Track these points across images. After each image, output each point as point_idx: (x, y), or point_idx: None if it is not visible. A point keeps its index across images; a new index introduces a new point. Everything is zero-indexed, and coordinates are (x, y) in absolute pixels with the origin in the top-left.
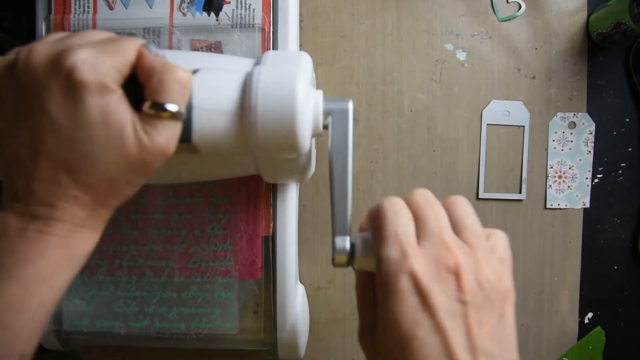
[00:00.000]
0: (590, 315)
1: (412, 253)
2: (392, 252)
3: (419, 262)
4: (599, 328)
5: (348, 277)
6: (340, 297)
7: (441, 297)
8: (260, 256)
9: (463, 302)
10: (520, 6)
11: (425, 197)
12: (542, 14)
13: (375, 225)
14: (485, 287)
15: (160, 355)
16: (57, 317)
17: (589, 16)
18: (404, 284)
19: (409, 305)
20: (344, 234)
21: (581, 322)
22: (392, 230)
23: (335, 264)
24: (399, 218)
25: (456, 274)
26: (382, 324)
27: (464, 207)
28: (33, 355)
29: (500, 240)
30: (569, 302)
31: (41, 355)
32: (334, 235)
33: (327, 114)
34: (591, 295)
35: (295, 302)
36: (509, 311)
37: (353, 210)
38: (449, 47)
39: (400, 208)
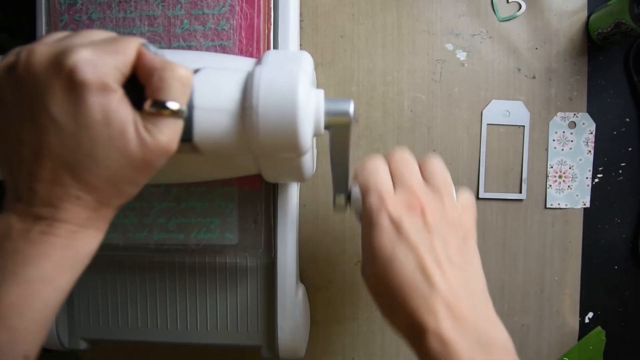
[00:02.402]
0: (590, 315)
1: (388, 198)
2: (373, 199)
3: (393, 204)
4: (599, 328)
5: (348, 278)
6: (340, 298)
7: (411, 226)
8: None
9: (429, 231)
10: (520, 6)
11: (402, 156)
12: (542, 13)
13: (361, 180)
14: (447, 222)
15: (162, 352)
16: None
17: (589, 16)
18: (383, 219)
19: (387, 233)
20: (343, 192)
21: (581, 322)
22: (372, 183)
23: (335, 208)
24: (378, 174)
25: (422, 213)
26: (370, 252)
27: (435, 162)
28: (37, 356)
29: (465, 194)
30: (569, 301)
31: (41, 355)
32: (335, 192)
33: (328, 115)
34: (591, 295)
35: (296, 302)
36: (471, 241)
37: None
38: (449, 47)
39: (380, 166)
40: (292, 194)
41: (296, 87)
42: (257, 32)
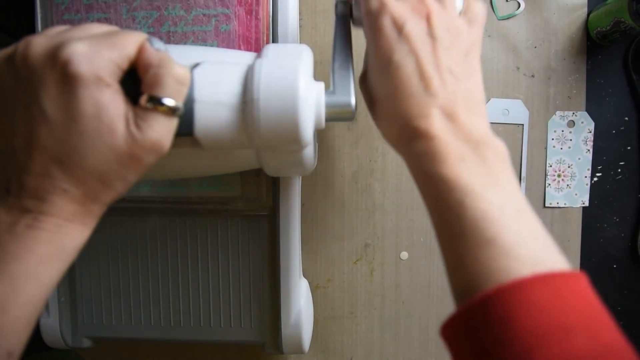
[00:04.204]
0: None
1: (389, 1)
2: (373, 3)
3: (396, 6)
4: None
5: (347, 276)
6: (339, 296)
7: (414, 30)
8: None
9: (432, 37)
10: (519, 5)
11: None
12: (542, 12)
13: None
14: (452, 32)
15: (163, 350)
16: None
17: (588, 14)
18: (384, 22)
19: (388, 36)
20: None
21: None
22: None
23: (337, 13)
24: None
25: (427, 19)
26: (370, 57)
27: None
28: (21, 353)
29: (475, 6)
30: None
31: (41, 354)
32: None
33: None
34: None
35: (300, 297)
36: (475, 55)
37: None
38: None
39: None
40: (295, 188)
41: (297, 80)
42: None
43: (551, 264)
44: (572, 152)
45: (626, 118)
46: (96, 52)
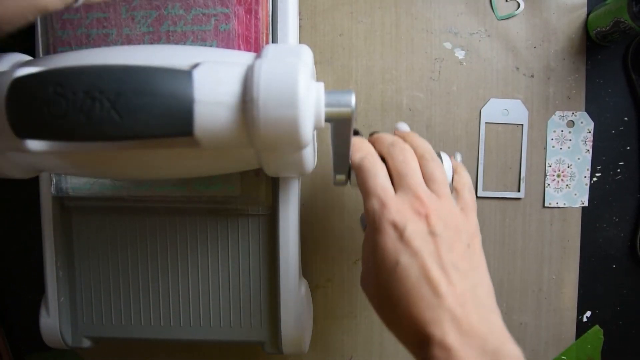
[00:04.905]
0: (588, 313)
1: (390, 203)
2: (374, 204)
3: (396, 210)
4: (597, 327)
5: (346, 276)
6: (338, 296)
7: (415, 231)
8: None
9: (433, 235)
10: (519, 5)
11: (404, 155)
12: (541, 12)
13: (360, 179)
14: (451, 227)
15: (162, 350)
16: (59, 186)
17: (588, 14)
18: (386, 226)
19: (390, 239)
20: (342, 172)
21: (579, 321)
22: (372, 186)
23: (335, 183)
24: (378, 177)
25: (426, 217)
26: (373, 257)
27: (435, 162)
28: None
29: (465, 194)
30: (567, 300)
31: (41, 354)
32: (335, 171)
33: (328, 107)
34: (589, 293)
35: (300, 297)
36: (477, 244)
37: None
38: (448, 45)
39: (379, 168)
40: (294, 188)
41: (296, 80)
42: None
43: None
44: (571, 152)
45: (625, 118)
46: None
